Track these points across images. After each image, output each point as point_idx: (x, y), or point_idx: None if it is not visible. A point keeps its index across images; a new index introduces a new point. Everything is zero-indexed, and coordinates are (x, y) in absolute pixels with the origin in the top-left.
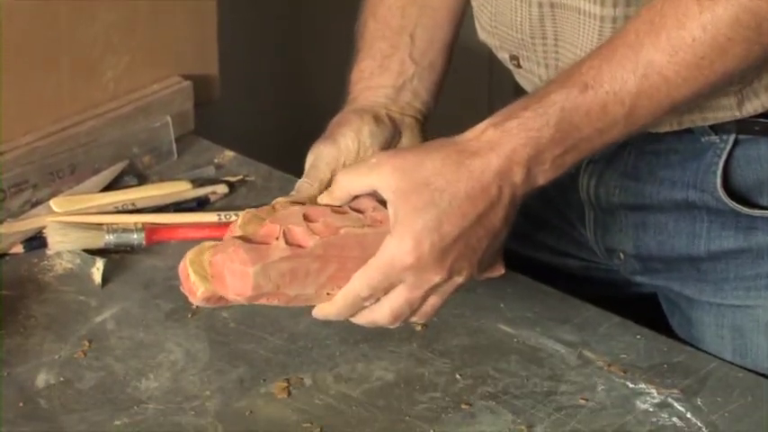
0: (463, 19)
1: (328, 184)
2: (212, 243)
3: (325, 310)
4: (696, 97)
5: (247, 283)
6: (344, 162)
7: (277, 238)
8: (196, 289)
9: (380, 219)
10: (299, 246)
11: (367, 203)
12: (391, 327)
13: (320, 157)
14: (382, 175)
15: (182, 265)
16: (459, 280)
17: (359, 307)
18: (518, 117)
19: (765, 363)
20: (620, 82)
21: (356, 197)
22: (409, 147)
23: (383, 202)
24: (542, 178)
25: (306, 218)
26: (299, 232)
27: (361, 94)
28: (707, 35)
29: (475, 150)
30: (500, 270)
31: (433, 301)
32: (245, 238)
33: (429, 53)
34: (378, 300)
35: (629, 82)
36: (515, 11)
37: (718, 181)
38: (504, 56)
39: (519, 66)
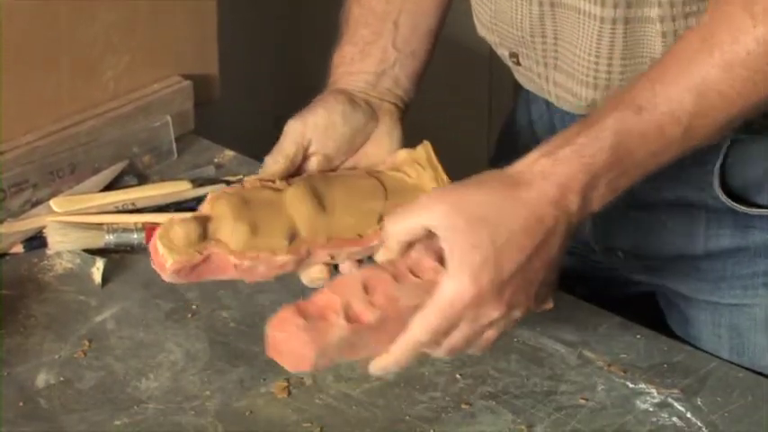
0: (449, 7)
1: (293, 159)
2: (181, 216)
3: (382, 363)
4: (751, 111)
5: (307, 362)
6: (311, 139)
7: (336, 313)
8: (165, 261)
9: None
10: (359, 320)
11: (426, 264)
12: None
13: (286, 133)
14: (434, 213)
15: (151, 241)
16: (516, 314)
17: (419, 353)
18: (571, 144)
19: (762, 361)
20: (675, 101)
21: (411, 245)
22: (458, 182)
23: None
24: (597, 204)
25: (365, 288)
26: (359, 306)
27: (341, 78)
28: (761, 48)
29: (528, 181)
30: (549, 304)
31: (490, 334)
32: (301, 310)
33: (412, 41)
34: (438, 343)
35: (684, 101)
36: (516, 9)
37: (716, 180)
38: (503, 52)
39: (518, 63)
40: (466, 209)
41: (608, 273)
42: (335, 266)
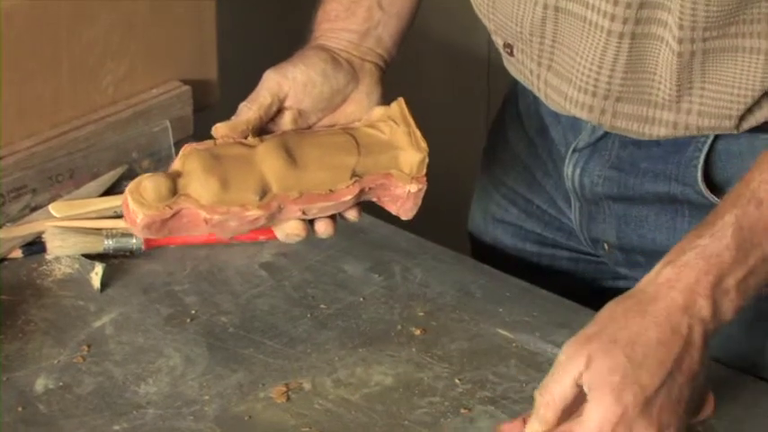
0: None
1: (268, 109)
2: (150, 174)
3: None
4: None
5: None
6: (288, 92)
7: None
8: (135, 216)
9: None
10: None
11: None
12: None
13: (264, 83)
14: (574, 358)
15: (123, 199)
16: None
17: None
18: (694, 248)
19: (747, 357)
20: None
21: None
22: (589, 325)
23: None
24: (728, 309)
25: None
26: None
27: (323, 34)
28: None
29: (654, 295)
30: (710, 407)
31: None
32: None
33: (397, 1)
34: None
35: None
36: (517, 5)
37: (699, 175)
38: (497, 40)
39: (511, 54)
40: (599, 337)
41: (596, 267)
42: (311, 222)
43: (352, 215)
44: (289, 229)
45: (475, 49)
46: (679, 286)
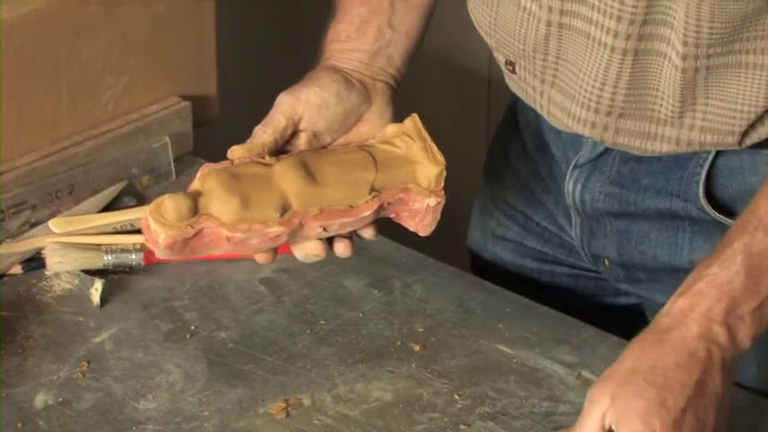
0: None
1: (283, 132)
2: (170, 194)
3: None
4: None
5: None
6: (302, 115)
7: None
8: (157, 237)
9: None
10: None
11: None
12: None
13: (278, 105)
14: (598, 400)
15: (143, 220)
16: None
17: None
18: (704, 277)
19: (746, 374)
20: None
21: None
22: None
23: None
24: (746, 336)
25: None
26: None
27: (334, 55)
28: None
29: (669, 325)
30: None
31: None
32: None
33: (407, 20)
34: None
35: None
36: (520, 23)
37: (701, 191)
38: (499, 57)
39: (514, 71)
40: (618, 372)
41: (596, 283)
42: (330, 242)
43: (368, 233)
44: (308, 250)
45: (475, 65)
46: (693, 315)
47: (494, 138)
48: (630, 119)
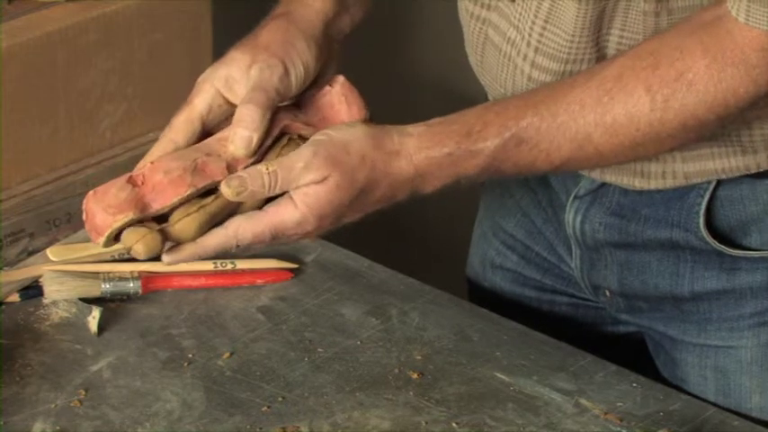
0: None
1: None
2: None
3: (184, 253)
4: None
5: None
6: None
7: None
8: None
9: None
10: None
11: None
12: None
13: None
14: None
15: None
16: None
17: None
18: (448, 146)
19: (748, 403)
20: (555, 145)
21: None
22: None
23: None
24: (417, 149)
25: None
26: None
27: (296, 10)
28: (652, 130)
29: (396, 151)
30: None
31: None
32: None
33: None
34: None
35: (563, 148)
36: (502, 68)
37: (702, 221)
38: (490, 98)
39: None
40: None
41: (595, 312)
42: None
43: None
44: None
45: (473, 93)
46: (414, 164)
47: None
48: None
